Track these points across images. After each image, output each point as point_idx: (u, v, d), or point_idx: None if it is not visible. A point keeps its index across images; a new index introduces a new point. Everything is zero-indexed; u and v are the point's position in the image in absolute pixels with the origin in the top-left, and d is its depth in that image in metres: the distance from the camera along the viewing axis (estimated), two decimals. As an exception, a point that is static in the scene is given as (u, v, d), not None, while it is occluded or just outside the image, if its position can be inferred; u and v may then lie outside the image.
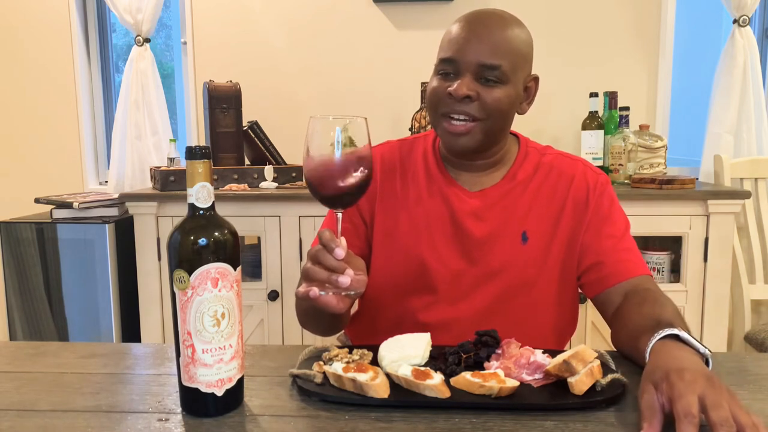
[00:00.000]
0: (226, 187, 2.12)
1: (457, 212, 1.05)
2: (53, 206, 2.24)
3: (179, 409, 0.71)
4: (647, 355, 0.75)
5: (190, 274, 0.66)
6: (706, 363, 0.73)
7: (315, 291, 0.80)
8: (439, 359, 0.81)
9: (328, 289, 0.80)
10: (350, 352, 0.81)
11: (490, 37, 0.97)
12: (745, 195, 1.98)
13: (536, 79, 1.05)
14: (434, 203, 1.07)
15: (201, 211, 0.68)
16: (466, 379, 0.72)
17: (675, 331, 0.75)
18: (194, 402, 0.69)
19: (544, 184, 1.06)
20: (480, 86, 0.97)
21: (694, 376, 0.63)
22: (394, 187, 1.09)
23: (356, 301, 1.12)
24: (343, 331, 1.23)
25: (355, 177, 0.79)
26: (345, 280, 0.78)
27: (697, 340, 0.74)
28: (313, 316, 1.01)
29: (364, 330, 1.15)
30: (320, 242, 0.80)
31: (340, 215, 0.84)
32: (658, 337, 0.75)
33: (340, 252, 0.79)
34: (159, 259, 2.09)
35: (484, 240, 1.04)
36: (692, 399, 0.60)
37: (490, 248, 1.04)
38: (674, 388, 0.62)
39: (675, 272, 2.11)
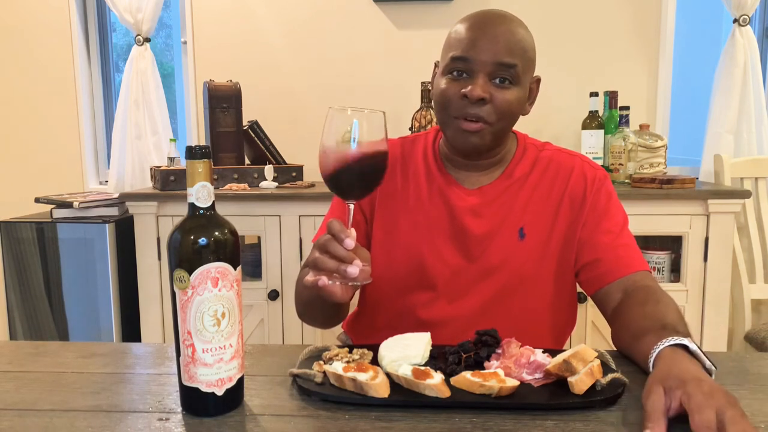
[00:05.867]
0: (226, 186, 2.12)
1: (456, 210, 1.05)
2: (53, 206, 2.24)
3: (179, 409, 0.71)
4: (652, 359, 0.74)
5: (190, 273, 0.66)
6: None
7: (324, 280, 0.80)
8: (439, 359, 0.81)
9: (336, 278, 0.81)
10: (350, 352, 0.81)
11: (505, 36, 0.97)
12: (746, 194, 1.98)
13: (538, 80, 1.06)
14: (433, 201, 1.07)
15: (201, 211, 0.68)
16: (466, 378, 0.72)
17: (685, 341, 0.74)
18: (194, 401, 0.69)
19: (542, 180, 1.06)
20: (493, 87, 0.97)
21: (712, 390, 0.62)
22: (395, 185, 1.09)
23: (356, 299, 1.12)
24: (343, 331, 1.23)
25: (370, 168, 0.79)
26: (353, 270, 0.78)
27: (703, 353, 0.73)
28: (315, 306, 1.01)
29: (364, 327, 1.15)
30: (329, 232, 0.80)
31: (352, 206, 0.84)
32: (666, 344, 0.74)
33: (350, 242, 0.79)
34: (159, 258, 2.09)
35: (483, 237, 1.04)
36: (712, 414, 0.60)
37: (489, 245, 1.04)
38: (692, 398, 0.62)
39: (675, 272, 2.11)
